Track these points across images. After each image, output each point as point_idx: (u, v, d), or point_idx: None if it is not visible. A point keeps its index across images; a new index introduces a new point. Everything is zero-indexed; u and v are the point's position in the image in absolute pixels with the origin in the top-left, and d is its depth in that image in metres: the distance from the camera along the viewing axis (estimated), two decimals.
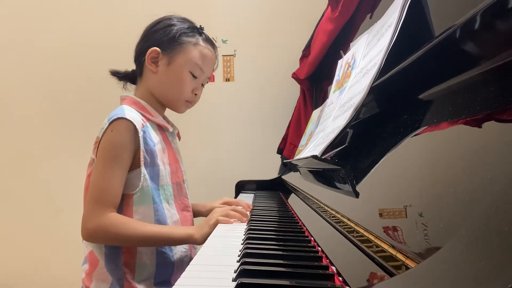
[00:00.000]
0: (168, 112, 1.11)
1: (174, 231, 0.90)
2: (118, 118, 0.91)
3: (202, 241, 0.88)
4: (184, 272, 0.51)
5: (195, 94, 1.05)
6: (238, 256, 0.57)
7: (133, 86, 1.09)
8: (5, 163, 2.08)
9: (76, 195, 0.91)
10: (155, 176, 0.95)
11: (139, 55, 1.03)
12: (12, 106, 2.08)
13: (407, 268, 0.31)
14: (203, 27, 1.07)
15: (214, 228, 0.87)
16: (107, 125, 0.91)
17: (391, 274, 0.34)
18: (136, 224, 0.89)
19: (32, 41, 2.07)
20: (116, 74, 1.08)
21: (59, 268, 2.01)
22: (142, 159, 0.92)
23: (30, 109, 2.07)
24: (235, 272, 0.48)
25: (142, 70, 1.04)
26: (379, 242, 0.37)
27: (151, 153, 0.94)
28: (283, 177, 1.55)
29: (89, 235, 0.88)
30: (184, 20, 1.05)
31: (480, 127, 0.33)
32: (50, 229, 2.04)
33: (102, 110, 1.17)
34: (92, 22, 2.05)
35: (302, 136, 1.34)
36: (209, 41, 1.06)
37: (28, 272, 2.05)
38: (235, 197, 1.52)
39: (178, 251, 0.98)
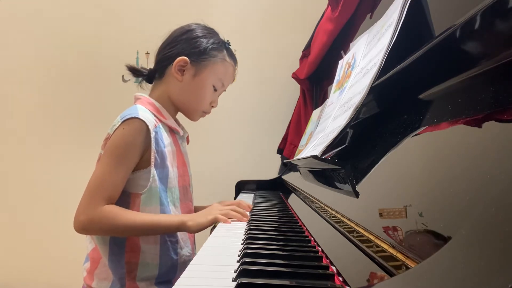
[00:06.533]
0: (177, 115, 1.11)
1: (167, 219, 0.90)
2: (132, 118, 0.91)
3: (195, 229, 0.89)
4: (184, 272, 0.51)
5: (212, 106, 1.09)
6: (238, 256, 0.57)
7: (147, 85, 1.09)
8: (5, 160, 2.08)
9: (78, 193, 0.91)
10: (164, 177, 0.95)
11: (165, 60, 1.03)
12: (12, 104, 2.08)
13: (407, 268, 0.31)
14: (229, 42, 1.09)
15: (211, 224, 0.87)
16: (119, 123, 0.91)
17: (391, 274, 0.34)
18: (130, 214, 0.89)
19: (32, 38, 2.07)
20: (133, 70, 1.08)
21: (60, 267, 2.01)
22: (152, 159, 0.92)
23: (31, 108, 2.07)
24: (235, 272, 0.48)
25: (164, 74, 1.04)
26: (379, 242, 0.37)
27: (161, 154, 0.94)
28: (283, 177, 1.55)
29: (81, 227, 0.88)
30: (212, 32, 1.07)
31: (480, 127, 0.33)
32: (51, 227, 2.04)
33: (105, 108, 1.17)
34: (95, 20, 2.05)
35: (302, 136, 1.34)
36: (233, 56, 1.10)
37: (29, 271, 2.05)
38: (235, 197, 1.53)
39: (183, 255, 0.98)
